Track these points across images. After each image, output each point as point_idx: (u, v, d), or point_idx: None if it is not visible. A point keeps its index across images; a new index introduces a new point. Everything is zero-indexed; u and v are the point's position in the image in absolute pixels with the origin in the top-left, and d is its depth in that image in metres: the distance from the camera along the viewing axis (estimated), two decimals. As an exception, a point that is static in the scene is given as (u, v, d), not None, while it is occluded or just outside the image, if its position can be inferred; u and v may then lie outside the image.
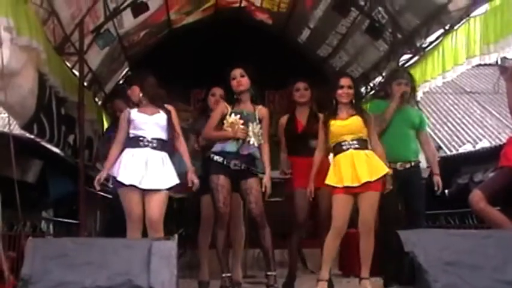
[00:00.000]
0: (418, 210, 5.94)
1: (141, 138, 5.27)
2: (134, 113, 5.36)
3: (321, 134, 5.55)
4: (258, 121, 5.75)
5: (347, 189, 5.24)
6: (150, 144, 5.26)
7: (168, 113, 5.42)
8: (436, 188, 5.95)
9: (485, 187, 4.79)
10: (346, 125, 5.40)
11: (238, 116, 5.69)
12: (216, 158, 5.66)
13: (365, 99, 10.04)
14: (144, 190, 5.18)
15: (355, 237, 5.48)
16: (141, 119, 5.32)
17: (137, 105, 5.44)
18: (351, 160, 5.28)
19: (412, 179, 5.90)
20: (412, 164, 5.93)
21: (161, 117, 5.36)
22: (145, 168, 5.18)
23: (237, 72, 5.79)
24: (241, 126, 5.65)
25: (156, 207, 5.18)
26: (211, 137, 5.83)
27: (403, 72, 6.38)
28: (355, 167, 5.24)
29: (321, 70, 10.91)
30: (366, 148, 5.38)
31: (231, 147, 5.64)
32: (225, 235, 5.74)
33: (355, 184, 5.21)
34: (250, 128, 5.68)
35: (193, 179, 5.40)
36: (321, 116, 5.73)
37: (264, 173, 5.71)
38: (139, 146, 5.25)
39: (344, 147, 5.35)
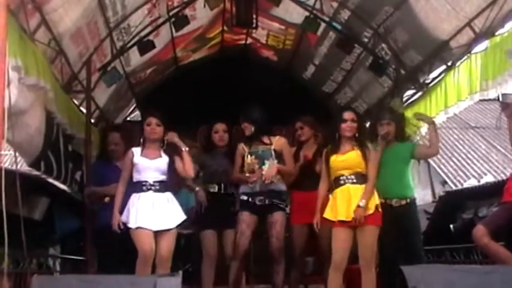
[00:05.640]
0: (415, 245, 5.96)
1: (143, 183, 5.46)
2: (137, 157, 5.52)
3: (325, 168, 5.57)
4: (274, 156, 5.88)
5: (345, 223, 5.24)
6: (153, 188, 5.45)
7: (170, 156, 5.54)
8: None
9: (489, 222, 4.81)
10: (343, 160, 5.41)
11: (254, 157, 5.90)
12: (243, 197, 6.03)
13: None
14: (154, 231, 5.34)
15: (358, 273, 5.46)
16: (143, 163, 5.49)
17: (143, 144, 5.56)
18: (347, 195, 5.30)
19: (408, 215, 5.94)
20: (408, 200, 5.95)
21: (162, 162, 5.52)
22: (152, 209, 5.36)
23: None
24: (257, 166, 5.87)
25: (166, 247, 5.36)
26: (236, 180, 6.18)
27: (385, 113, 6.39)
28: (351, 202, 5.25)
29: (326, 106, 10.96)
30: (364, 182, 5.36)
31: (247, 189, 5.94)
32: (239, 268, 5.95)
33: (349, 219, 5.20)
34: (264, 167, 5.83)
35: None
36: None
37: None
38: (143, 191, 5.44)
39: (341, 182, 5.37)
